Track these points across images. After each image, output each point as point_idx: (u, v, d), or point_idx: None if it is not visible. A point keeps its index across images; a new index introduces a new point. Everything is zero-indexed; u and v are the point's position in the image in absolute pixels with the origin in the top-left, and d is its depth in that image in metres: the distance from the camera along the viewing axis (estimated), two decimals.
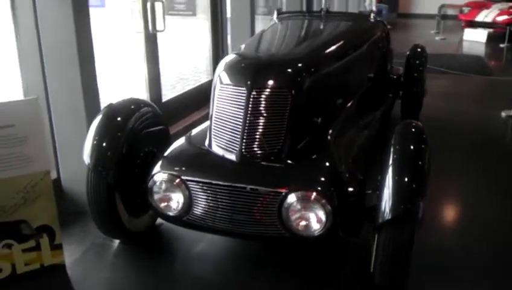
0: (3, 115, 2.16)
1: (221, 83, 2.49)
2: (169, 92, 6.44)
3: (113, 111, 2.68)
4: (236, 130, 2.37)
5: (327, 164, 2.35)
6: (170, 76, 8.02)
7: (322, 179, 2.25)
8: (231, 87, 2.44)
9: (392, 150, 2.26)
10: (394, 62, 4.75)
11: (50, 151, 3.06)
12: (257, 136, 2.35)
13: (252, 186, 2.23)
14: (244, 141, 2.34)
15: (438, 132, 4.65)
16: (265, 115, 2.37)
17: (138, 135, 2.66)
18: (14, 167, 2.20)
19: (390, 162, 2.21)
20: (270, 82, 2.40)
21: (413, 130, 2.40)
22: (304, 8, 6.90)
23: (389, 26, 11.86)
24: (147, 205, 2.47)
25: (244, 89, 2.39)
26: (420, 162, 2.23)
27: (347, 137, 2.70)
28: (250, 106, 2.36)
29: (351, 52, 3.18)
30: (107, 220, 2.60)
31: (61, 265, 2.41)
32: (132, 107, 2.77)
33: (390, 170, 2.19)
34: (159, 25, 4.32)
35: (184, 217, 2.40)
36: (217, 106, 2.48)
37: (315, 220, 2.22)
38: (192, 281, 2.52)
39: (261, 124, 2.36)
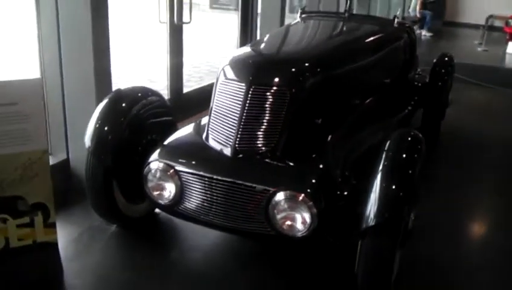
0: (8, 92, 2.23)
1: (223, 77, 2.50)
2: (196, 83, 6.53)
3: (119, 97, 2.74)
4: (232, 126, 2.38)
5: (320, 166, 2.32)
6: (201, 68, 8.12)
7: (312, 181, 2.23)
8: (232, 82, 2.45)
9: (383, 156, 2.23)
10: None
11: (61, 131, 3.17)
12: (252, 133, 2.35)
13: (241, 182, 2.24)
14: (238, 136, 2.35)
15: (461, 145, 4.56)
16: (262, 112, 2.37)
17: (142, 123, 2.71)
18: (14, 143, 2.27)
19: (380, 167, 2.18)
20: (270, 80, 2.40)
21: (408, 138, 2.36)
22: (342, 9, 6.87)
23: (427, 34, 11.56)
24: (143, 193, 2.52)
25: (243, 85, 2.39)
26: (410, 171, 2.19)
27: (349, 142, 2.67)
28: (248, 102, 2.37)
29: (365, 55, 3.13)
30: (103, 204, 2.66)
31: (53, 243, 2.47)
32: (139, 94, 2.82)
33: (379, 176, 2.16)
34: (185, 17, 4.38)
35: (175, 207, 2.43)
36: (216, 100, 2.49)
37: (300, 221, 2.21)
38: (184, 272, 2.56)
39: (257, 120, 2.36)
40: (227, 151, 2.36)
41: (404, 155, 2.26)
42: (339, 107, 2.76)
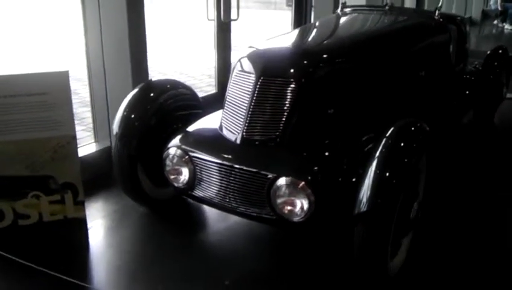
0: (38, 83, 2.50)
1: (237, 69, 2.63)
2: None
3: (148, 87, 2.95)
4: (241, 115, 2.50)
5: (324, 156, 2.39)
6: None
7: (313, 169, 2.30)
8: (243, 74, 2.57)
9: (383, 142, 2.26)
10: None
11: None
12: (259, 122, 2.46)
13: (245, 168, 2.37)
14: (246, 125, 2.47)
15: None
16: (269, 102, 2.47)
17: (169, 113, 2.89)
18: (44, 129, 2.54)
19: (377, 154, 2.22)
20: (278, 71, 2.49)
21: (411, 128, 2.37)
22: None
23: (509, 27, 10.88)
24: None
25: (253, 76, 2.51)
26: (406, 160, 2.21)
27: (366, 135, 2.69)
28: (256, 92, 2.48)
29: (395, 48, 3.11)
30: (129, 187, 2.88)
31: (82, 219, 2.73)
32: (168, 86, 3.02)
33: (374, 162, 2.20)
34: (233, 14, 4.55)
35: (189, 191, 2.60)
36: (229, 91, 2.63)
37: (299, 206, 2.29)
38: (206, 254, 2.69)
39: (264, 110, 2.46)
40: (236, 139, 2.50)
41: (402, 144, 2.27)
42: (357, 100, 2.77)
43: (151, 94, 2.90)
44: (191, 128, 2.73)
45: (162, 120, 2.85)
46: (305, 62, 2.59)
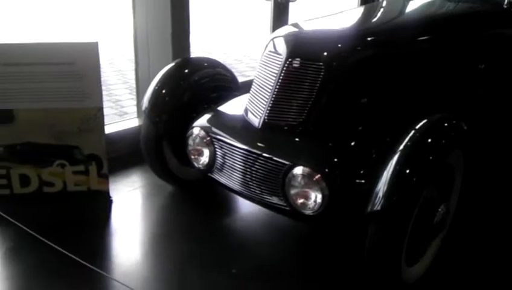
0: (67, 53, 2.53)
1: (267, 50, 2.51)
2: None
3: (183, 63, 2.90)
4: (265, 98, 2.39)
5: (347, 147, 2.22)
6: None
7: (332, 161, 2.15)
8: (272, 55, 2.44)
9: (409, 136, 2.06)
10: None
11: None
12: (282, 106, 2.33)
13: (261, 153, 2.26)
14: (269, 108, 2.35)
15: None
16: (295, 85, 2.32)
17: (202, 92, 2.82)
18: (71, 99, 2.57)
19: (401, 148, 2.03)
20: (307, 53, 2.33)
21: (445, 124, 2.14)
22: None
23: None
24: None
25: (280, 57, 2.38)
26: (431, 157, 2.00)
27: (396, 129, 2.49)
28: (282, 74, 2.34)
29: (448, 38, 2.84)
30: (155, 165, 2.86)
31: (105, 192, 2.75)
32: (205, 64, 2.96)
33: (396, 156, 2.01)
34: None
35: (208, 173, 2.53)
36: (258, 72, 2.51)
37: (312, 199, 2.15)
38: (223, 238, 2.62)
39: (289, 94, 2.32)
40: (257, 122, 2.39)
41: (430, 139, 2.06)
42: (395, 92, 2.54)
43: (186, 70, 2.85)
44: (218, 109, 2.65)
45: (194, 98, 2.78)
46: (339, 46, 2.41)
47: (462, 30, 2.95)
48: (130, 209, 2.83)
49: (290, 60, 2.34)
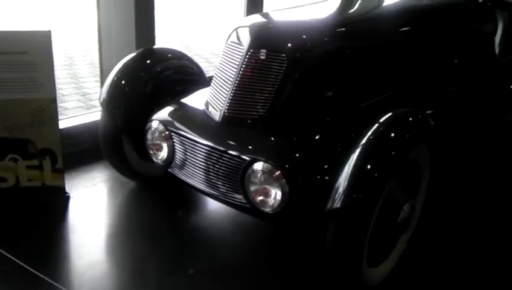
0: (19, 42, 2.39)
1: (229, 40, 2.40)
2: None
3: (146, 54, 2.77)
4: (225, 90, 2.28)
5: (311, 143, 2.12)
6: None
7: (294, 157, 2.05)
8: (234, 45, 2.33)
9: (371, 130, 1.97)
10: None
11: None
12: (243, 99, 2.23)
13: (220, 148, 2.15)
14: (229, 101, 2.24)
15: None
16: (256, 77, 2.22)
17: (166, 84, 2.70)
18: (25, 90, 2.43)
19: (363, 142, 1.94)
20: (270, 44, 2.23)
21: (409, 118, 2.06)
22: None
23: None
24: None
25: (242, 47, 2.27)
26: (393, 152, 1.91)
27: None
28: (243, 65, 2.24)
29: (417, 31, 2.76)
30: (114, 160, 2.74)
31: (61, 187, 2.62)
32: (170, 55, 2.84)
33: (357, 151, 1.92)
34: None
35: (167, 168, 2.42)
36: (219, 64, 2.40)
37: (272, 196, 2.05)
38: (184, 240, 2.49)
39: (250, 86, 2.22)
40: (218, 116, 2.28)
41: (392, 134, 1.97)
42: (362, 86, 2.44)
43: (148, 61, 2.73)
44: (180, 102, 2.53)
45: (156, 90, 2.65)
46: (304, 37, 2.31)
47: (435, 23, 2.87)
48: (89, 206, 2.70)
49: (251, 50, 2.24)
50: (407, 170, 2.11)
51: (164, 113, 2.44)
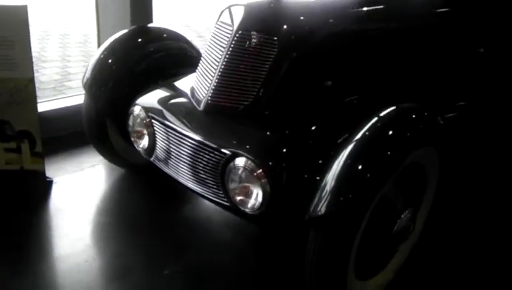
0: None
1: (219, 20, 2.16)
2: None
3: (138, 32, 2.57)
4: (209, 76, 2.06)
5: (299, 137, 1.89)
6: None
7: (278, 153, 1.81)
8: (223, 25, 2.10)
9: (366, 127, 1.72)
10: None
11: None
12: (228, 86, 2.00)
13: (198, 139, 1.94)
14: (212, 88, 2.02)
15: None
16: (244, 62, 1.98)
17: (156, 65, 2.50)
18: (1, 68, 2.27)
19: (355, 140, 1.69)
20: (260, 25, 1.99)
21: (412, 115, 1.80)
22: None
23: None
24: None
25: (230, 28, 2.04)
26: (389, 153, 1.66)
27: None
28: (230, 48, 2.01)
29: (430, 16, 2.45)
30: (98, 144, 2.57)
31: (40, 172, 2.47)
32: (165, 35, 2.63)
33: (347, 150, 1.67)
34: None
35: (149, 157, 2.23)
36: (207, 47, 2.18)
37: (253, 197, 1.83)
38: (163, 237, 2.32)
39: (236, 72, 1.98)
40: (200, 104, 2.06)
41: (391, 131, 1.72)
42: (362, 73, 2.17)
43: (139, 40, 2.52)
44: (168, 86, 2.32)
45: (145, 72, 2.46)
46: (302, 18, 2.07)
47: (454, 8, 2.55)
48: (72, 192, 2.55)
49: (240, 32, 2.00)
50: (408, 174, 1.85)
51: (148, 98, 2.23)
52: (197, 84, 2.14)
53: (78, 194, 2.55)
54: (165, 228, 2.37)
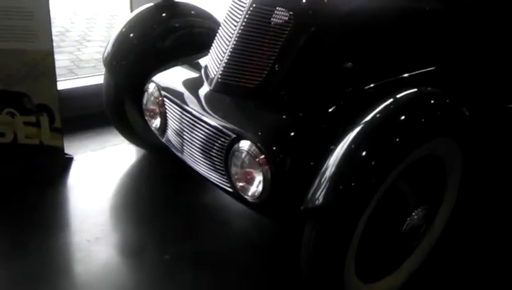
0: None
1: None
2: None
3: (163, 6, 2.46)
4: (221, 54, 1.93)
5: (307, 121, 1.73)
6: None
7: (284, 137, 1.67)
8: (237, 0, 1.97)
9: (378, 109, 1.55)
10: None
11: None
12: (239, 64, 1.86)
13: (204, 119, 1.83)
14: (223, 66, 1.89)
15: None
16: (256, 39, 1.84)
17: (179, 41, 2.40)
18: (18, 39, 2.25)
19: (365, 120, 1.53)
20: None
21: (432, 100, 1.60)
22: None
23: None
24: None
25: (245, 2, 1.90)
26: (398, 139, 1.48)
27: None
28: (243, 24, 1.87)
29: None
30: (117, 123, 2.51)
31: (59, 148, 2.45)
32: (192, 12, 2.53)
33: (353, 132, 1.52)
34: None
35: (161, 136, 2.14)
36: (222, 23, 2.04)
37: (254, 184, 1.70)
38: (174, 221, 2.24)
39: (247, 49, 1.85)
40: (211, 82, 1.94)
41: (404, 116, 1.53)
42: (388, 54, 1.97)
43: (164, 14, 2.43)
44: (184, 64, 2.22)
45: (167, 48, 2.36)
46: None
47: None
48: (91, 170, 2.52)
49: (254, 5, 1.86)
50: (423, 168, 1.65)
51: (164, 76, 2.15)
52: (209, 62, 2.02)
53: (96, 172, 2.51)
54: (179, 212, 2.29)
